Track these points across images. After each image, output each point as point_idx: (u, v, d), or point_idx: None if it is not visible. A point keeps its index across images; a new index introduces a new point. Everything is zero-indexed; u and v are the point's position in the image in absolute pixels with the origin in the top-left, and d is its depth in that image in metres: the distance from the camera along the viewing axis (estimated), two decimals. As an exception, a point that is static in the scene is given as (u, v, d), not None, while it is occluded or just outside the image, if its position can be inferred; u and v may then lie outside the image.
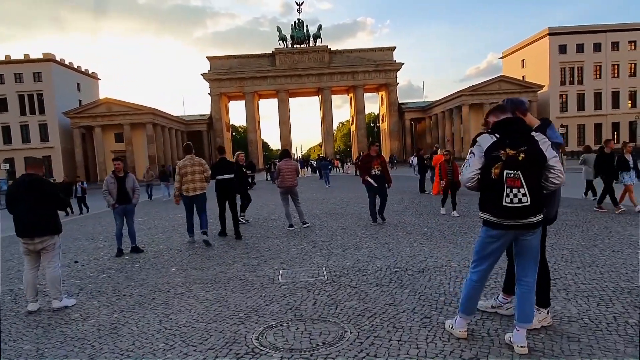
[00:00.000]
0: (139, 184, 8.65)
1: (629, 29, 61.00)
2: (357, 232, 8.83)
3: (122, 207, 8.13)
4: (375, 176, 9.73)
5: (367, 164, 9.92)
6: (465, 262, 6.04)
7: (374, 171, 9.74)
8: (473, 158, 3.23)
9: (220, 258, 7.21)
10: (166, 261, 7.29)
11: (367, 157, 10.06)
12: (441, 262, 6.08)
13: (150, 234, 10.55)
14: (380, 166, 9.83)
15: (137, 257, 7.83)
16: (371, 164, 9.80)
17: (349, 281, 5.35)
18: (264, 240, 8.62)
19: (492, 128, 3.26)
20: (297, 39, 65.08)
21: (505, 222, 3.12)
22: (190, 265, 6.81)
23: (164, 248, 8.51)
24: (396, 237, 8.10)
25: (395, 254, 6.69)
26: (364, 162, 10.09)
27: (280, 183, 9.82)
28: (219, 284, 5.63)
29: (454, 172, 10.77)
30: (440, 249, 6.97)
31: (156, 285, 5.81)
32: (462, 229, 8.66)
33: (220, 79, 63.51)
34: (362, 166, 10.16)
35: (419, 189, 17.36)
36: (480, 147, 3.21)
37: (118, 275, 6.54)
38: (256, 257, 7.06)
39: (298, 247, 7.63)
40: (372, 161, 9.84)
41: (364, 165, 10.03)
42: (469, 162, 3.26)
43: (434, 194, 16.04)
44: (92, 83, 70.17)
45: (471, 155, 3.26)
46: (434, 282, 5.17)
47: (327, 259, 6.64)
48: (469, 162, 3.26)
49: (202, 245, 8.40)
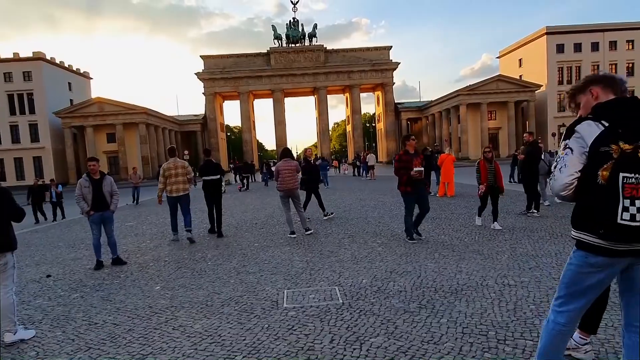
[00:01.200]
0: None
1: (626, 28, 60.60)
2: (366, 241, 7.89)
3: (99, 214, 7.15)
4: (415, 180, 7.48)
5: (407, 164, 7.50)
6: (502, 279, 5.12)
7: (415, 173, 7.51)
8: (570, 155, 2.27)
9: (213, 272, 6.24)
10: (151, 276, 6.31)
11: (406, 156, 7.59)
12: (474, 280, 5.15)
13: (137, 241, 9.58)
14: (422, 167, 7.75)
15: (119, 270, 6.86)
16: (412, 164, 7.46)
17: (369, 306, 4.40)
18: (263, 250, 7.65)
19: (596, 111, 2.30)
20: (292, 38, 64.11)
21: (618, 246, 2.18)
22: (179, 282, 5.84)
23: (150, 259, 7.53)
24: (413, 247, 7.16)
25: (418, 269, 5.75)
26: (403, 162, 7.57)
27: (280, 185, 8.84)
28: (211, 308, 4.67)
29: (497, 175, 8.70)
30: (467, 261, 6.04)
31: (136, 309, 4.84)
32: (484, 237, 7.74)
33: (215, 78, 62.42)
34: (401, 169, 7.59)
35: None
36: (581, 139, 2.25)
37: (93, 294, 5.56)
38: (255, 272, 6.10)
39: (302, 260, 6.67)
40: (413, 160, 7.48)
41: (404, 166, 7.55)
42: (564, 161, 2.29)
43: (440, 196, 15.16)
44: (84, 82, 68.80)
45: (567, 151, 2.28)
46: (473, 307, 4.24)
47: (339, 275, 5.69)
48: (564, 161, 2.29)
49: (193, 256, 7.44)
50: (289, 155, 9.13)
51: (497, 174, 8.63)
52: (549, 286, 4.76)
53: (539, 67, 61.09)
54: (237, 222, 11.54)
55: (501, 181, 8.68)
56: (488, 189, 8.63)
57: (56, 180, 20.75)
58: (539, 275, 5.19)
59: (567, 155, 2.27)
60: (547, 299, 4.38)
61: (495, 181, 8.63)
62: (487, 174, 8.59)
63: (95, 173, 7.25)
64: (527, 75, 61.61)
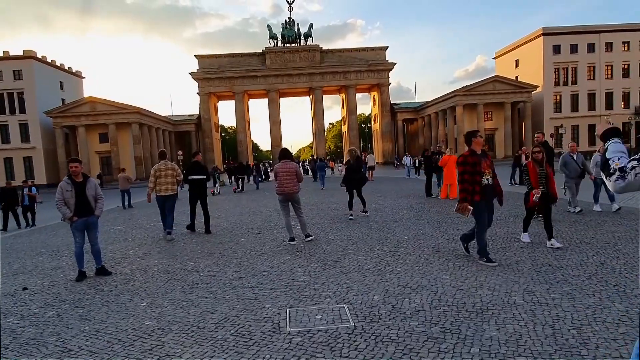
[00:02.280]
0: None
1: (622, 30, 60.52)
2: (372, 249, 7.32)
3: (83, 220, 6.54)
4: (485, 187, 6.02)
5: (474, 167, 5.95)
6: (529, 295, 4.57)
7: (485, 179, 6.03)
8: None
9: (206, 286, 5.65)
10: (137, 289, 5.72)
11: (473, 158, 6.01)
12: (499, 296, 4.60)
13: (124, 247, 8.96)
14: (491, 170, 6.22)
15: (103, 282, 6.26)
16: (481, 167, 5.98)
17: (385, 330, 3.84)
18: (260, 259, 7.06)
19: None
20: (287, 38, 63.47)
21: None
22: (167, 298, 5.25)
23: (138, 269, 6.93)
24: (423, 256, 6.61)
25: (433, 283, 5.19)
26: (470, 166, 5.96)
27: (278, 189, 8.21)
28: (204, 332, 4.09)
29: (549, 180, 7.06)
30: (486, 273, 5.49)
31: (117, 331, 4.25)
32: (498, 244, 7.20)
33: (209, 78, 61.68)
34: (468, 174, 5.97)
35: (425, 192, 15.91)
36: None
37: (71, 312, 4.96)
38: (252, 286, 5.51)
39: (305, 271, 6.09)
40: (482, 163, 6.01)
41: (471, 171, 5.96)
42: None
43: (442, 198, 14.65)
44: (76, 81, 67.74)
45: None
46: (505, 332, 3.69)
47: (346, 289, 5.11)
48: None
49: (184, 266, 6.84)
50: (288, 156, 8.49)
51: (550, 179, 7.15)
52: (585, 305, 4.22)
53: (535, 68, 60.87)
54: (232, 226, 10.95)
55: (554, 187, 7.18)
56: (535, 197, 6.84)
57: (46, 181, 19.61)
58: (571, 291, 4.65)
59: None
60: (587, 320, 3.84)
61: (548, 187, 7.07)
62: (538, 178, 7.07)
63: (77, 175, 6.67)
64: (523, 76, 61.40)
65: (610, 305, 4.19)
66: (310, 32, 63.86)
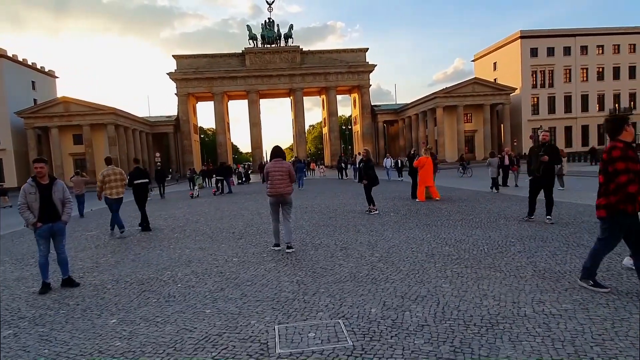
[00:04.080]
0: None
1: (597, 34, 61.86)
2: (362, 254, 6.90)
3: (48, 226, 5.95)
4: None
5: (634, 163, 4.34)
6: (539, 305, 4.21)
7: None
8: None
9: (184, 299, 5.13)
10: (107, 303, 5.16)
11: (630, 150, 4.42)
12: (506, 307, 4.22)
13: (96, 255, 8.34)
14: None
15: (69, 295, 5.67)
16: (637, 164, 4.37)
17: (389, 351, 3.40)
18: (243, 267, 6.56)
19: None
20: (267, 38, 62.87)
21: None
22: (141, 313, 4.72)
23: (109, 279, 6.35)
24: (417, 262, 6.21)
25: (433, 292, 4.78)
26: (632, 160, 4.35)
27: (270, 190, 7.55)
28: (181, 355, 3.58)
29: None
30: (488, 281, 5.12)
31: (82, 354, 3.72)
32: (494, 248, 6.86)
33: (188, 78, 60.63)
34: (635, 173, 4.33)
35: (410, 194, 15.60)
36: None
37: (30, 332, 4.39)
38: (235, 298, 5.02)
39: (292, 280, 5.62)
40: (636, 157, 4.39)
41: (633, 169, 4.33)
42: None
43: (420, 200, 14.37)
44: (49, 81, 65.69)
45: None
46: (523, 350, 3.30)
47: (340, 301, 4.66)
48: None
49: (160, 275, 6.29)
50: (281, 154, 7.82)
51: None
52: (601, 316, 3.88)
53: (513, 71, 61.71)
54: (212, 231, 10.40)
55: None
56: None
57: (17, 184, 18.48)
58: (582, 300, 4.31)
59: None
60: (609, 335, 3.48)
61: None
62: None
63: (43, 177, 6.06)
64: (502, 78, 62.15)
65: (628, 317, 3.85)
66: (291, 33, 63.41)
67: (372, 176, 12.20)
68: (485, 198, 14.39)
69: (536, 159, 8.87)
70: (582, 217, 9.44)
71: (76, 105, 50.88)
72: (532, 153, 9.24)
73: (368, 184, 12.09)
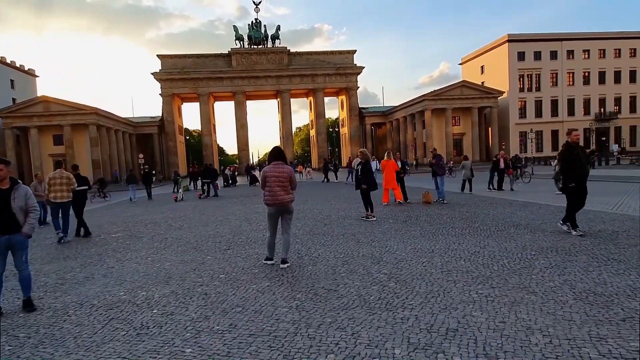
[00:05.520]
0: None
1: (582, 38, 62.22)
2: (369, 270, 6.04)
3: (5, 238, 4.99)
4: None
5: None
6: (601, 343, 3.40)
7: None
8: None
9: (159, 331, 4.20)
10: (65, 336, 4.21)
11: None
12: (560, 346, 3.39)
13: (63, 268, 7.34)
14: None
15: (22, 322, 4.71)
16: None
17: (432, 419, 2.55)
18: (232, 286, 5.64)
19: None
20: (254, 39, 61.93)
21: None
22: (106, 350, 3.78)
23: (72, 301, 5.38)
24: (434, 281, 5.37)
25: (464, 324, 3.94)
26: None
27: (269, 198, 6.46)
28: (151, 423, 2.69)
29: None
30: (525, 307, 4.30)
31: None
32: (514, 261, 6.07)
33: (173, 79, 59.35)
34: None
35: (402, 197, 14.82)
36: None
37: (-41, 380, 3.44)
38: (223, 331, 4.10)
39: (291, 305, 4.72)
40: None
41: None
42: None
43: (384, 202, 14.24)
44: (29, 80, 63.84)
45: None
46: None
47: (353, 337, 3.78)
48: None
49: (133, 298, 5.34)
50: (281, 157, 6.68)
51: None
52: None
53: (500, 74, 61.70)
54: (196, 239, 9.45)
55: None
56: None
57: None
58: (650, 335, 3.51)
59: None
60: None
61: None
62: None
63: (2, 181, 5.08)
64: (489, 82, 62.10)
65: None
66: (278, 34, 62.56)
67: (372, 180, 11.47)
68: (485, 203, 13.69)
69: (582, 162, 7.87)
70: (596, 226, 8.75)
71: (57, 105, 49.31)
72: (573, 157, 7.95)
73: (367, 188, 11.32)
